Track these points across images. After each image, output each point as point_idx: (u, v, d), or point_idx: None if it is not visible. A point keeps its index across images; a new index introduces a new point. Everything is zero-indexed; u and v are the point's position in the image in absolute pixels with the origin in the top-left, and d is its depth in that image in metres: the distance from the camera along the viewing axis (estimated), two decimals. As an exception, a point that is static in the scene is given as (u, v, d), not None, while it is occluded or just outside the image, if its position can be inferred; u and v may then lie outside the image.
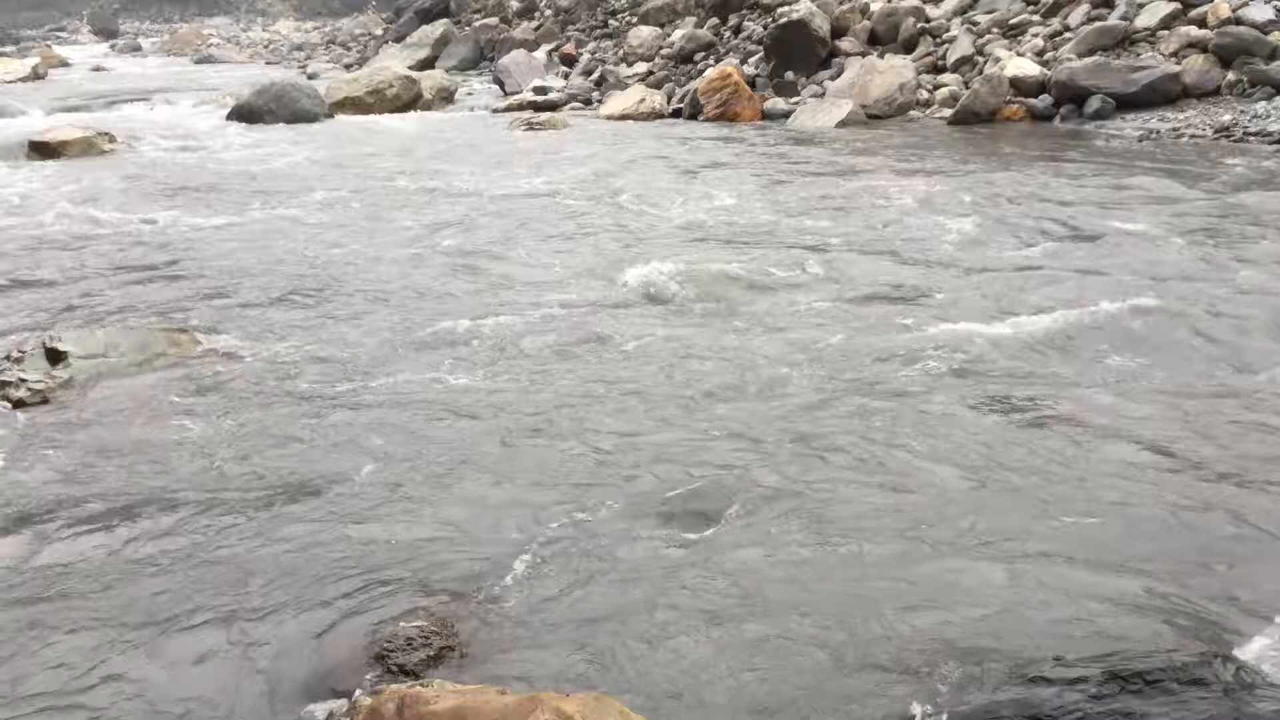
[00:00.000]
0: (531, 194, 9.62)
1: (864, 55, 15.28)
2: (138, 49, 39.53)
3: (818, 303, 6.20)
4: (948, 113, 13.24)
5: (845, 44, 15.81)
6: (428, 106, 17.33)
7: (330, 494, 4.03)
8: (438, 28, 26.21)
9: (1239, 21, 12.38)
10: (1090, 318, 5.57)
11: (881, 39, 15.86)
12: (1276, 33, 12.13)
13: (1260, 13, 12.41)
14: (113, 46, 40.58)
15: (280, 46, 37.25)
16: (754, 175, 10.17)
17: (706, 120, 14.39)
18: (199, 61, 32.42)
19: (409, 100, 17.13)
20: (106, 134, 12.84)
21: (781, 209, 8.63)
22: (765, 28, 17.01)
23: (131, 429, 4.64)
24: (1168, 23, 13.01)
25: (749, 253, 7.25)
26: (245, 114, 15.49)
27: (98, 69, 28.51)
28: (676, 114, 15.21)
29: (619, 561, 3.53)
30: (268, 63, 31.73)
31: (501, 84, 19.25)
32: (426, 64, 23.39)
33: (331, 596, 3.35)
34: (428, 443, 4.44)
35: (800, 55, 15.56)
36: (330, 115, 15.86)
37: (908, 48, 15.34)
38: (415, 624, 3.15)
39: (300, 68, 28.05)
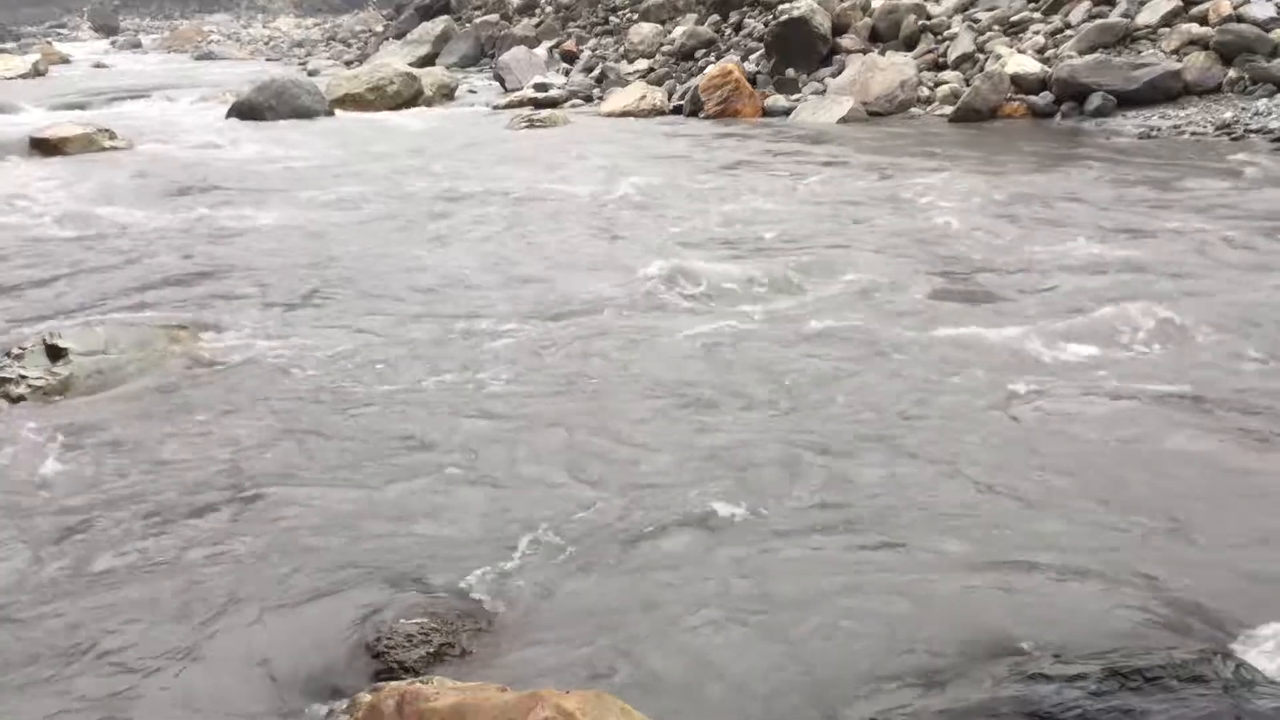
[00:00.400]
0: (539, 191, 9.59)
1: (865, 52, 15.26)
2: (138, 45, 39.57)
3: (869, 304, 6.06)
4: (949, 110, 13.23)
5: (846, 41, 15.79)
6: (428, 103, 17.33)
7: (330, 491, 4.03)
8: (438, 24, 26.21)
9: (1240, 19, 12.37)
10: (1167, 317, 5.50)
11: (882, 36, 15.85)
12: (1278, 30, 12.11)
13: (1261, 10, 12.40)
14: (113, 43, 40.58)
15: (281, 43, 37.26)
16: (767, 173, 10.15)
17: (707, 117, 14.39)
18: (199, 58, 32.45)
19: (410, 97, 17.13)
20: (107, 131, 12.82)
21: (808, 207, 8.56)
22: (766, 25, 16.99)
23: (129, 427, 4.64)
24: (1169, 20, 12.99)
25: (784, 252, 7.15)
26: (245, 111, 15.49)
27: (98, 65, 28.51)
28: (677, 111, 15.20)
29: (625, 560, 3.52)
30: (268, 59, 31.74)
31: (502, 81, 19.26)
32: (427, 61, 23.40)
33: (332, 593, 3.35)
34: (433, 440, 4.44)
35: (801, 52, 15.55)
36: (330, 112, 15.86)
37: (909, 45, 15.33)
38: (415, 621, 3.14)
39: (301, 64, 28.08)
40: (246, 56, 33.37)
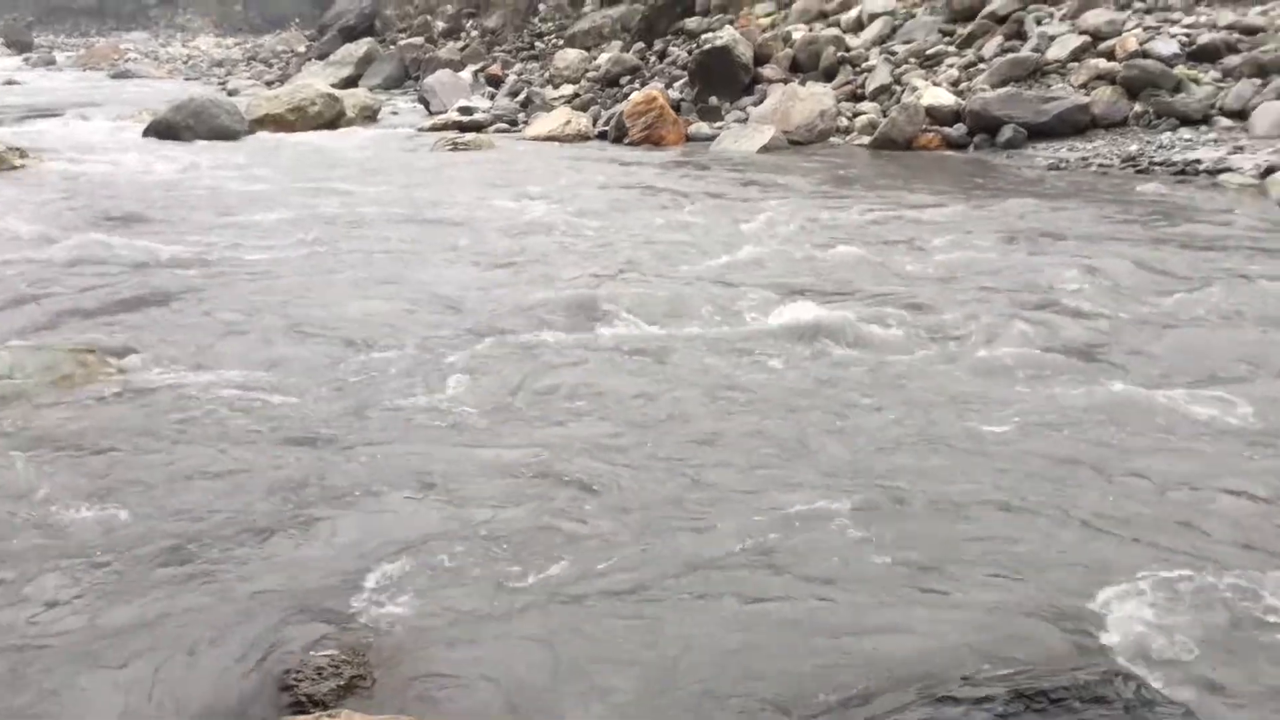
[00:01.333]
0: (461, 215, 9.49)
1: (786, 82, 15.54)
2: (52, 63, 38.70)
3: (844, 335, 5.91)
4: (867, 140, 13.48)
5: (768, 71, 16.06)
6: (350, 124, 17.20)
7: (234, 520, 3.94)
8: (361, 46, 26.11)
9: (1146, 55, 12.82)
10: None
11: (803, 67, 16.15)
12: (1181, 66, 12.58)
13: (1166, 47, 12.87)
14: (26, 60, 39.61)
15: (200, 62, 36.78)
16: (691, 198, 10.19)
17: (631, 143, 14.47)
18: (116, 76, 31.86)
19: (331, 118, 16.98)
20: (17, 149, 12.49)
21: (736, 233, 8.55)
22: (690, 53, 17.21)
23: (27, 453, 4.49)
24: (1078, 55, 13.42)
25: (716, 279, 7.07)
26: (163, 130, 15.24)
27: (9, 82, 27.79)
28: (602, 136, 15.28)
29: (544, 591, 3.49)
30: (187, 78, 31.29)
31: (426, 103, 19.20)
32: (350, 82, 23.25)
33: (238, 626, 3.28)
34: (341, 470, 4.36)
35: (724, 81, 15.76)
36: (250, 132, 15.66)
37: (828, 76, 15.63)
38: (325, 653, 3.09)
39: (220, 84, 27.71)
40: (165, 75, 32.83)
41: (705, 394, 5.14)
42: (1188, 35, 13.14)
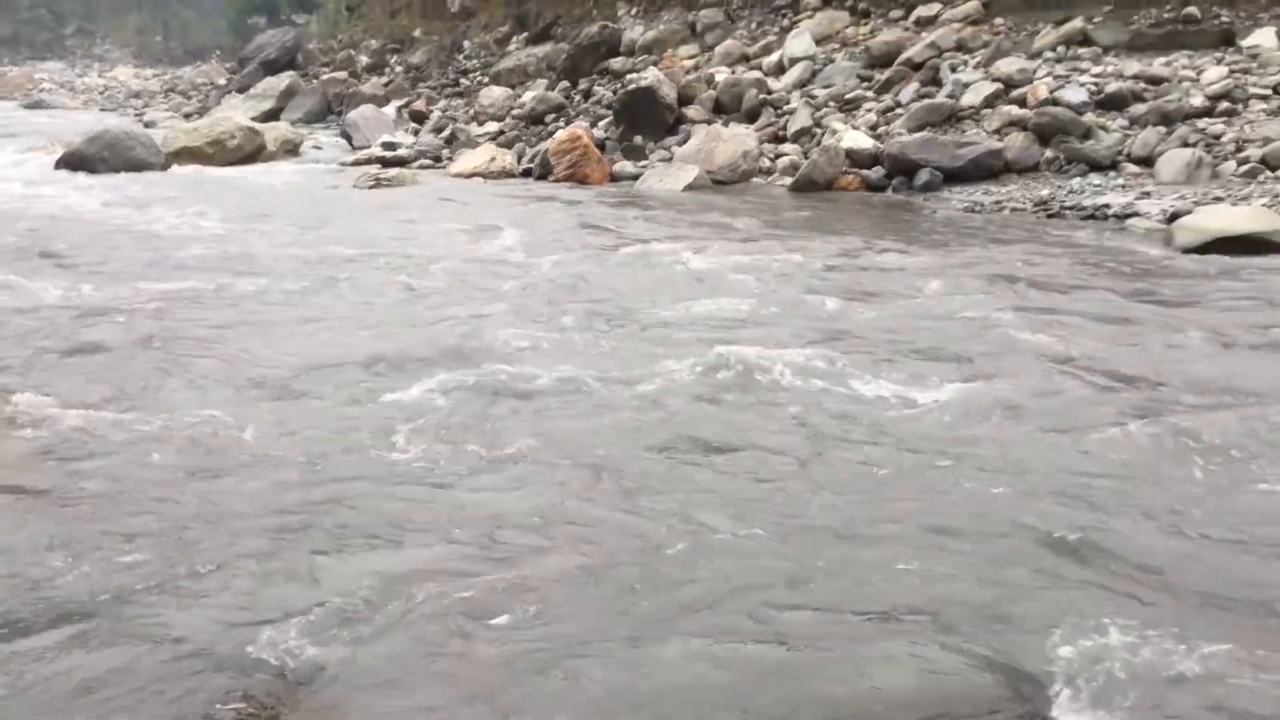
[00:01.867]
0: (383, 253, 9.38)
1: (709, 123, 15.73)
2: (-40, 90, 37.74)
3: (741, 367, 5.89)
4: (788, 181, 13.66)
5: (691, 111, 16.25)
6: (271, 158, 17.03)
7: (145, 568, 3.81)
8: (284, 79, 25.92)
9: (1056, 102, 13.21)
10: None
11: (726, 108, 16.38)
12: (1090, 114, 12.99)
13: (1075, 95, 13.30)
14: (-67, 87, 38.61)
15: (117, 93, 36.24)
16: (615, 236, 10.20)
17: (556, 181, 14.50)
18: (29, 106, 31.31)
19: (251, 152, 16.79)
20: (-81, 180, 12.15)
21: (652, 273, 8.56)
22: (615, 93, 17.36)
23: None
24: (991, 102, 13.80)
25: (665, 325, 6.95)
26: (75, 162, 14.96)
27: (-85, 110, 27.08)
28: (527, 174, 15.29)
29: (481, 642, 3.40)
30: (103, 109, 30.82)
31: (349, 138, 19.08)
32: (271, 115, 23.05)
33: (143, 678, 3.17)
34: (263, 517, 4.23)
35: (648, 121, 15.91)
36: (166, 166, 15.41)
37: (751, 117, 15.86)
38: (233, 706, 3.00)
39: (137, 115, 27.27)
40: (80, 106, 32.28)
41: (656, 441, 5.01)
42: (1096, 84, 13.59)
